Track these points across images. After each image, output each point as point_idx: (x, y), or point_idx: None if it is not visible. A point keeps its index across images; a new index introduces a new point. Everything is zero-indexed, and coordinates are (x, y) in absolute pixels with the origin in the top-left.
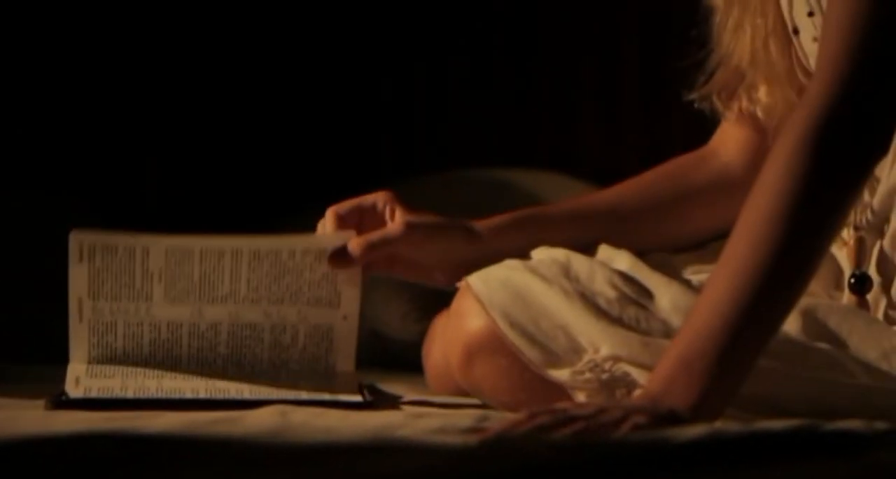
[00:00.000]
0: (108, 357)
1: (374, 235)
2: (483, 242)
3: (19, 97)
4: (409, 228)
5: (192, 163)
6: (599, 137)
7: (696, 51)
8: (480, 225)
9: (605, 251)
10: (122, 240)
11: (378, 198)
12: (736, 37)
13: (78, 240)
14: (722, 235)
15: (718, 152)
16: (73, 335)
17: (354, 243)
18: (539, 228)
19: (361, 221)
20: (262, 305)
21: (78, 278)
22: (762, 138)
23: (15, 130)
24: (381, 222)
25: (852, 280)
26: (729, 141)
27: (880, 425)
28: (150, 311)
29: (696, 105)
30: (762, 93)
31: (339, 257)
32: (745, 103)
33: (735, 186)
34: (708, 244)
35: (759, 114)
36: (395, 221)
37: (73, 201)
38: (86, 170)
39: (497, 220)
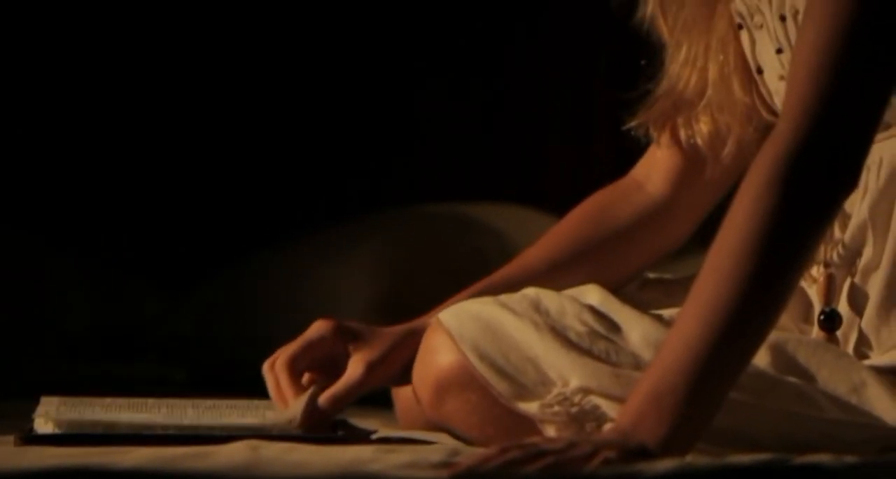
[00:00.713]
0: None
1: (340, 389)
2: None
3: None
4: (370, 368)
5: (162, 200)
6: (568, 171)
7: (646, 81)
8: (428, 322)
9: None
10: (87, 400)
11: (322, 330)
12: (686, 70)
13: (46, 401)
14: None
15: (643, 184)
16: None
17: (324, 401)
18: None
19: (312, 358)
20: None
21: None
22: (694, 168)
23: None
24: (333, 354)
25: (822, 317)
26: (656, 169)
27: (849, 458)
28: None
29: (632, 132)
30: (703, 123)
31: (310, 420)
32: (683, 132)
33: (662, 217)
34: (674, 279)
35: (700, 143)
36: (354, 364)
37: (47, 238)
38: (65, 209)
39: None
